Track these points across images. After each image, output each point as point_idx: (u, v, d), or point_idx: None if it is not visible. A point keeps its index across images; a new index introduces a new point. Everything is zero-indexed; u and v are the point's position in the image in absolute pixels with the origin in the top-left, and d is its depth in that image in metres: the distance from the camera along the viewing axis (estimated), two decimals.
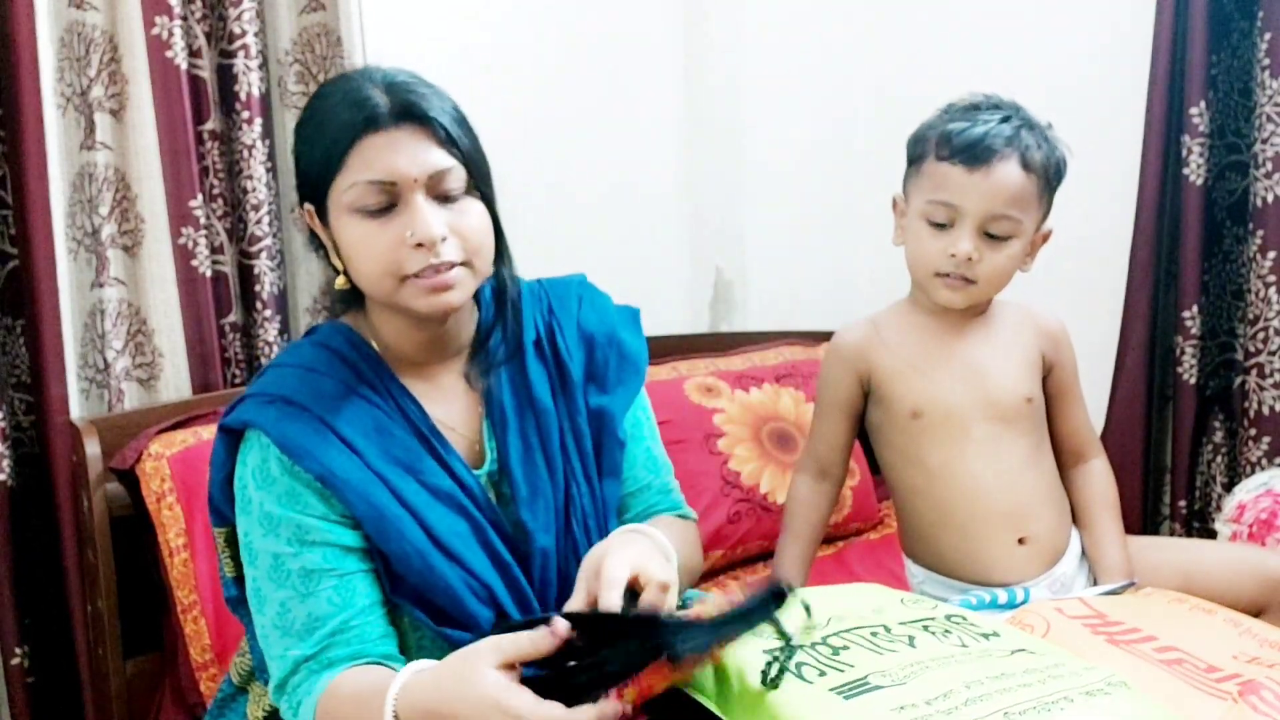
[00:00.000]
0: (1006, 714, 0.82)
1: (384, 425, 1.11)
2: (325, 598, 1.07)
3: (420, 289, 1.07)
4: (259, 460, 1.09)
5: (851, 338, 1.44)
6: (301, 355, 1.15)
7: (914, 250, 1.37)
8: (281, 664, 1.08)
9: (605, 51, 2.49)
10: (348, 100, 1.07)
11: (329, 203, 1.10)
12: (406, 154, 1.05)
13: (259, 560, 1.09)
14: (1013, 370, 1.39)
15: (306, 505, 1.08)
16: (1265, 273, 1.85)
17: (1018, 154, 1.30)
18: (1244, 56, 1.87)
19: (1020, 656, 0.93)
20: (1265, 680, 0.98)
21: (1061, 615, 1.11)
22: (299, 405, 1.09)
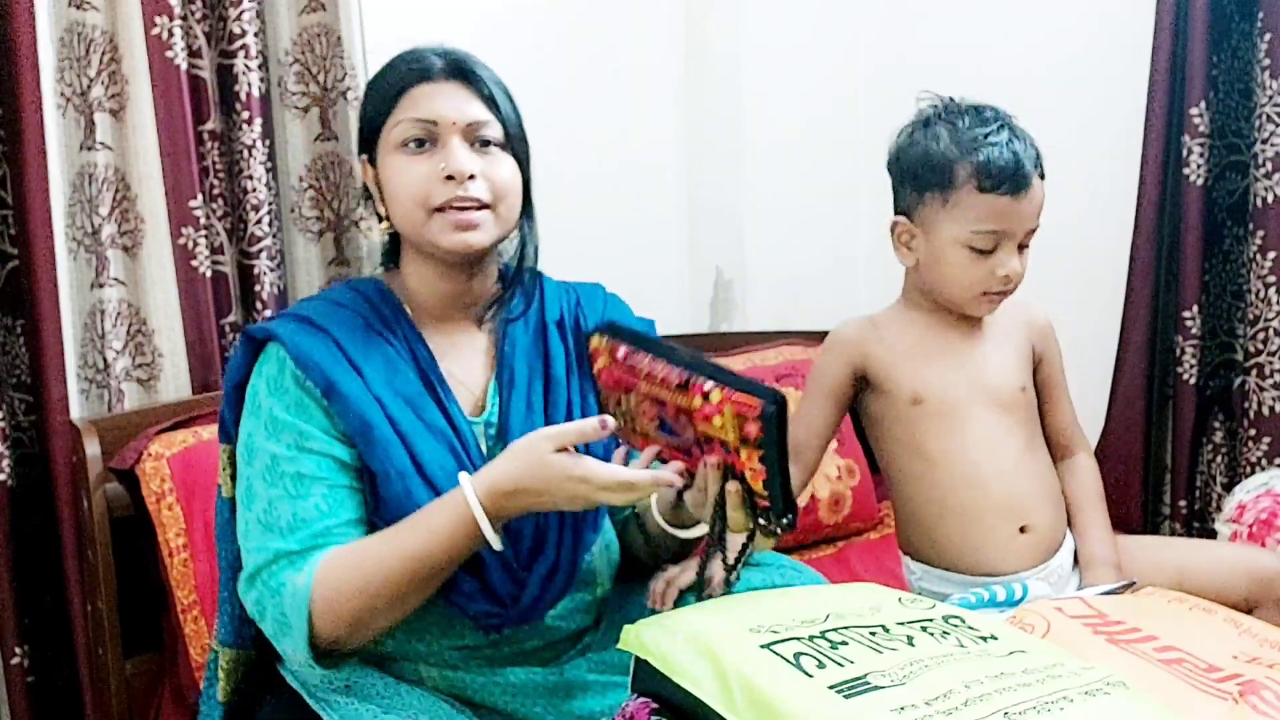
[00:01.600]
0: (1006, 714, 0.82)
1: (392, 360, 1.19)
2: (314, 503, 1.12)
3: (446, 223, 1.17)
4: (275, 370, 1.17)
5: (850, 331, 1.49)
6: (331, 292, 1.27)
7: (954, 276, 1.39)
8: (259, 555, 1.12)
9: (605, 52, 2.50)
10: (406, 59, 1.23)
11: (379, 148, 1.22)
12: (449, 101, 1.19)
13: (256, 459, 1.15)
14: (1007, 360, 1.44)
15: (311, 417, 1.15)
16: (1265, 273, 1.85)
17: (1038, 169, 1.37)
18: (1244, 57, 1.87)
19: (1019, 657, 0.93)
20: (1266, 680, 0.98)
21: (1062, 615, 1.11)
22: (318, 326, 1.18)
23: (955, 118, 1.40)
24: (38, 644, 1.79)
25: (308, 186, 2.05)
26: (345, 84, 2.00)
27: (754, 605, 1.04)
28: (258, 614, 1.13)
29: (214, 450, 1.70)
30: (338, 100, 2.01)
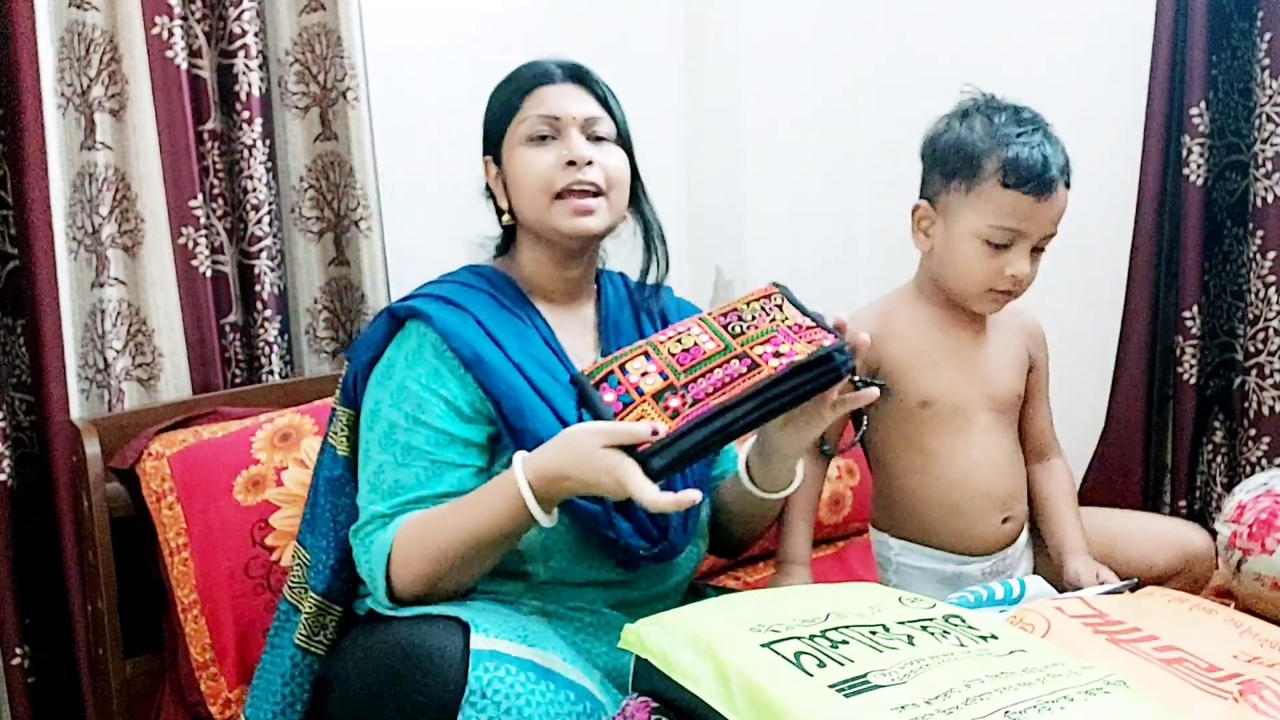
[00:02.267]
0: (1007, 713, 0.82)
1: (522, 332, 1.34)
2: (414, 473, 1.26)
3: (566, 209, 1.32)
4: (415, 345, 1.31)
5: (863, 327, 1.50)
6: (457, 276, 1.40)
7: (964, 267, 1.40)
8: (364, 514, 1.29)
9: (605, 53, 2.49)
10: (530, 67, 1.39)
11: (505, 145, 1.38)
12: (570, 100, 1.36)
13: (377, 425, 1.30)
14: (1009, 365, 1.50)
15: (443, 385, 1.28)
16: (1265, 273, 1.85)
17: (1064, 176, 1.39)
18: (1244, 57, 1.87)
19: (1019, 656, 0.94)
20: (1266, 680, 0.98)
21: (1062, 614, 1.11)
22: (457, 305, 1.32)
23: (993, 113, 1.42)
24: (38, 644, 1.79)
25: (308, 186, 2.05)
26: (345, 84, 2.00)
27: (754, 604, 1.04)
28: (358, 565, 1.29)
29: (215, 449, 1.72)
30: (338, 100, 2.01)
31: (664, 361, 1.13)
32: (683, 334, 1.16)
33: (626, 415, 1.09)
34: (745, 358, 1.11)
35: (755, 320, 1.15)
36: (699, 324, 1.17)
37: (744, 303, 1.18)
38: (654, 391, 1.11)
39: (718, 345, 1.14)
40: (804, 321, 1.14)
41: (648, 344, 1.16)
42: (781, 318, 1.14)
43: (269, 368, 1.98)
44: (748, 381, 1.09)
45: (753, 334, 1.13)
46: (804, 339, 1.11)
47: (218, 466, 1.71)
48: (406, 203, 2.14)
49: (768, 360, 1.10)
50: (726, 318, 1.16)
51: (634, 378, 1.12)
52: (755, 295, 1.18)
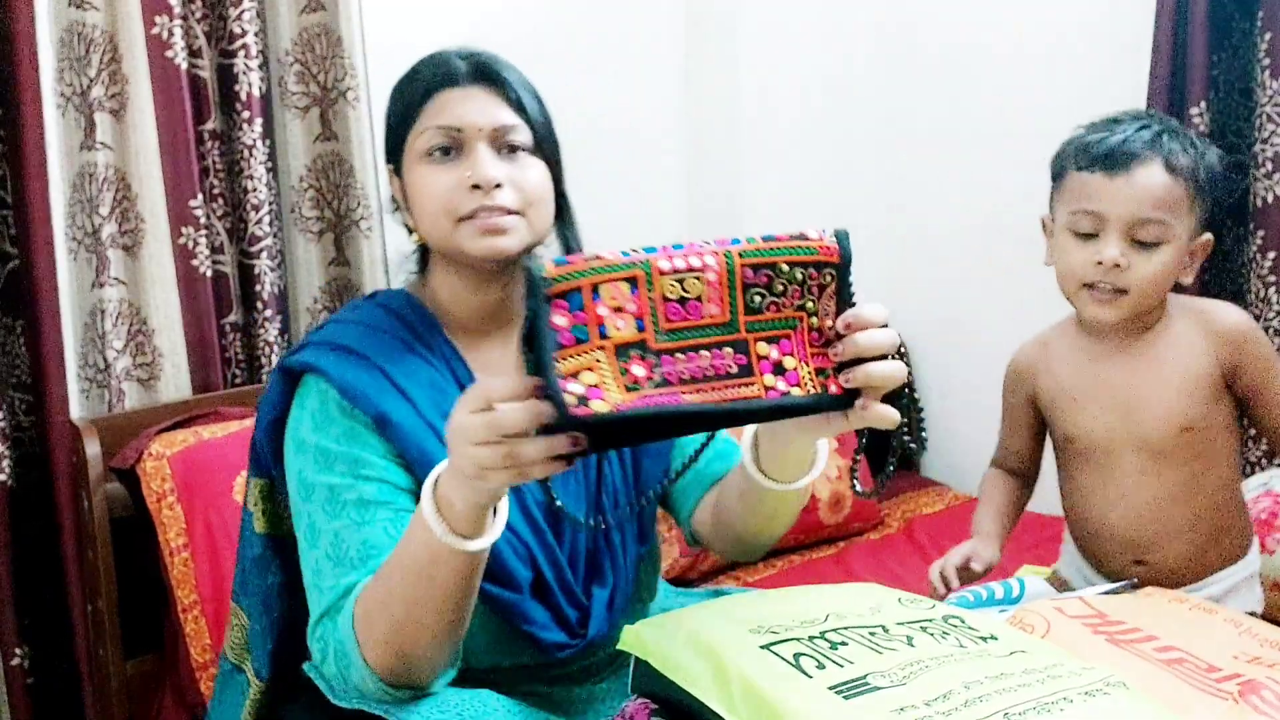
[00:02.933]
0: (1006, 715, 0.82)
1: (436, 382, 1.14)
2: (381, 528, 1.07)
3: (474, 230, 1.12)
4: (318, 404, 1.12)
5: (1021, 360, 1.45)
6: (360, 313, 1.20)
7: (1061, 264, 1.34)
8: (333, 592, 1.06)
9: (606, 52, 2.50)
10: (430, 63, 1.18)
11: (404, 157, 1.17)
12: (475, 106, 1.14)
13: (314, 494, 1.10)
14: (1170, 400, 1.33)
15: (365, 444, 1.10)
16: (1265, 273, 1.85)
17: (1160, 157, 1.27)
18: (1244, 57, 1.87)
19: (1019, 657, 0.93)
20: (1266, 680, 0.98)
21: (1062, 615, 1.11)
22: (358, 354, 1.13)
23: (1109, 116, 1.34)
24: (38, 644, 1.79)
25: (308, 186, 2.05)
26: (345, 84, 2.00)
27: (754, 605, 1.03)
28: (320, 655, 1.06)
29: (215, 449, 1.72)
30: (338, 100, 2.01)
31: (650, 302, 0.86)
32: (690, 274, 0.88)
33: (568, 357, 0.84)
34: (744, 352, 0.89)
35: (786, 295, 0.90)
36: (719, 265, 0.88)
37: (789, 260, 0.90)
38: (619, 342, 0.86)
39: (723, 313, 0.89)
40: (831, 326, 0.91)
41: (641, 264, 0.87)
42: (814, 308, 0.90)
43: (269, 368, 1.98)
44: (730, 391, 0.88)
45: (770, 318, 0.89)
46: (819, 358, 0.91)
47: (218, 466, 1.71)
48: None
49: (764, 371, 0.89)
50: (757, 274, 0.89)
51: (603, 309, 0.85)
52: (809, 255, 0.90)
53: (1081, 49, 2.16)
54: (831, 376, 0.90)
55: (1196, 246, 1.32)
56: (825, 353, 0.91)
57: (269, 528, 1.22)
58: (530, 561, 1.13)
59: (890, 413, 0.91)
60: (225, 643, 1.34)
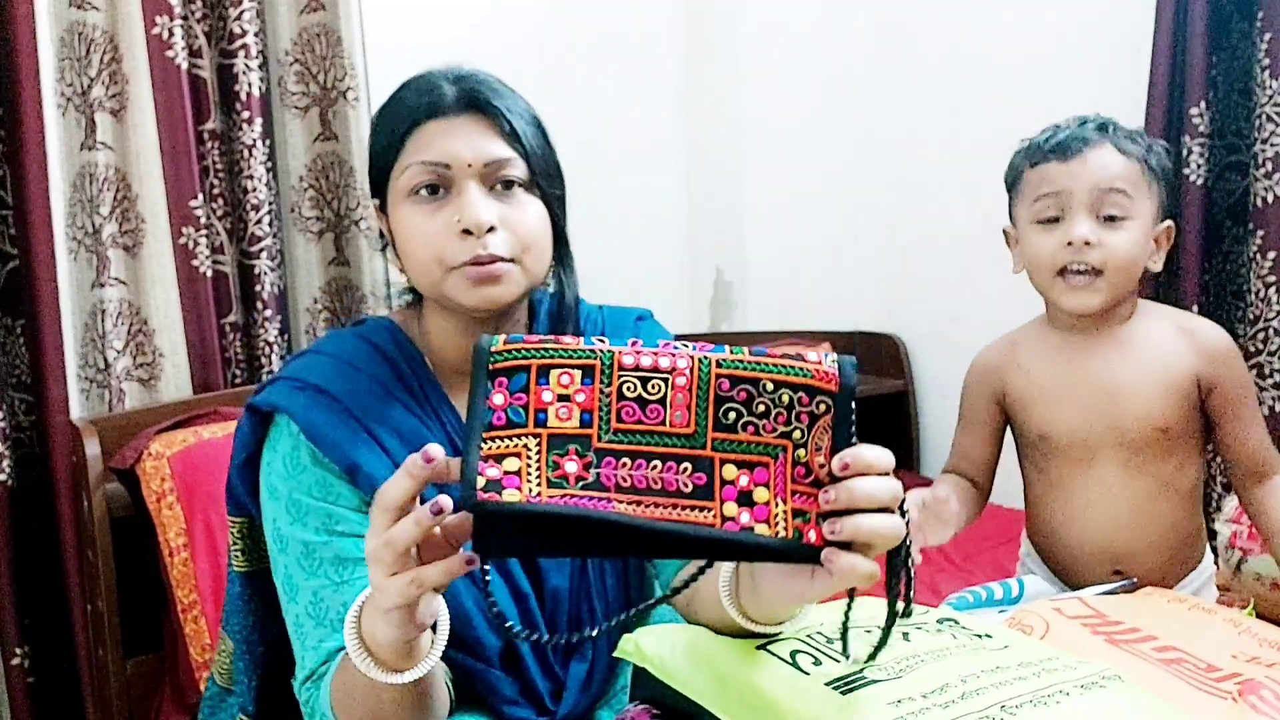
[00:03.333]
0: (1003, 707, 0.83)
1: (416, 431, 1.06)
2: (360, 586, 0.99)
3: (466, 279, 1.02)
4: (289, 448, 1.05)
5: (988, 358, 1.43)
6: (342, 346, 1.10)
7: (1032, 259, 1.33)
8: (315, 655, 1.02)
9: (606, 52, 2.50)
10: (417, 89, 1.06)
11: (389, 192, 1.07)
12: (463, 139, 1.03)
13: (290, 548, 1.04)
14: (1149, 397, 1.31)
15: (338, 496, 1.03)
16: (1265, 273, 1.85)
17: (1109, 141, 1.29)
18: (1244, 57, 1.87)
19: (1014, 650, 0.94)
20: (1265, 680, 0.98)
21: (1060, 615, 1.11)
22: (331, 396, 1.04)
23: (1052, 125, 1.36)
24: (38, 644, 1.79)
25: (308, 186, 2.05)
26: (345, 84, 2.00)
27: None
28: (309, 714, 1.02)
29: (215, 449, 1.72)
30: (338, 100, 2.02)
31: (603, 396, 0.76)
32: (656, 374, 0.77)
33: (497, 438, 0.75)
34: (706, 471, 0.76)
35: (768, 417, 0.77)
36: (690, 370, 0.77)
37: (776, 379, 0.77)
38: (557, 432, 0.75)
39: (687, 425, 0.76)
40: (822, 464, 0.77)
41: (603, 354, 0.77)
42: (802, 438, 0.77)
43: (269, 368, 1.98)
44: (677, 511, 0.75)
45: (745, 440, 0.77)
46: (801, 498, 0.76)
47: (218, 466, 1.70)
48: None
49: (727, 498, 0.76)
50: (734, 387, 0.77)
51: (548, 394, 0.76)
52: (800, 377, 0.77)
53: (1081, 50, 2.16)
54: (812, 521, 0.75)
55: (1160, 233, 1.32)
56: (811, 493, 0.76)
57: (248, 564, 1.16)
58: (502, 630, 1.01)
59: (862, 565, 0.75)
60: (213, 667, 1.31)
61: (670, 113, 2.67)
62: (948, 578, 1.90)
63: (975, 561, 1.99)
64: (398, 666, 0.86)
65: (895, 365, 2.58)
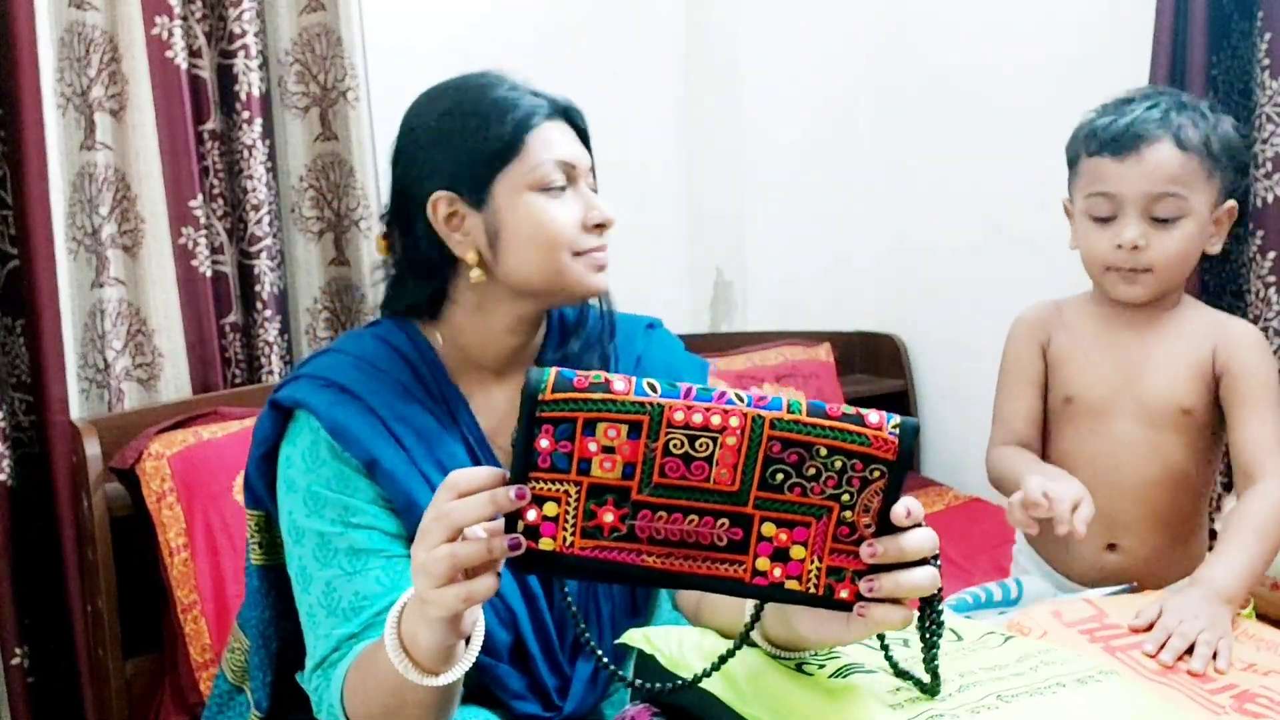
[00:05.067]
0: (999, 696, 0.84)
1: (433, 429, 1.10)
2: (373, 577, 1.04)
3: (588, 265, 1.12)
4: (309, 443, 1.08)
5: (1036, 313, 1.43)
6: (361, 346, 1.14)
7: (1084, 248, 1.34)
8: (326, 642, 1.05)
9: (606, 52, 2.50)
10: (519, 91, 1.13)
11: (497, 186, 1.10)
12: (572, 144, 1.14)
13: (305, 539, 1.08)
14: (1175, 376, 1.32)
15: (356, 490, 1.07)
16: (1265, 273, 1.85)
17: (1169, 134, 1.26)
18: (1244, 57, 1.87)
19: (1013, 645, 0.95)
20: (1260, 690, 0.98)
21: (1059, 621, 1.12)
22: (352, 394, 1.09)
23: (1121, 96, 1.34)
24: (38, 644, 1.79)
25: (308, 186, 2.05)
26: (345, 84, 2.00)
27: None
28: (315, 703, 1.06)
29: (214, 449, 1.72)
30: (337, 100, 2.02)
31: (648, 451, 0.76)
32: (705, 433, 0.76)
33: (539, 479, 0.76)
34: (743, 526, 0.77)
35: (818, 480, 0.76)
36: (741, 429, 0.75)
37: (830, 445, 0.76)
38: (596, 482, 0.76)
39: (732, 483, 0.76)
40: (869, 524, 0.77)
41: (652, 409, 0.75)
42: (850, 501, 0.76)
43: (269, 368, 1.98)
44: (706, 564, 0.77)
45: (790, 500, 0.76)
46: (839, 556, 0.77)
47: (218, 466, 1.71)
48: None
49: (762, 553, 0.77)
50: (785, 451, 0.75)
51: (593, 444, 0.76)
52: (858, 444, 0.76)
53: (1081, 50, 2.16)
54: (846, 580, 0.77)
55: (1221, 214, 1.31)
56: (851, 550, 0.77)
57: (265, 559, 1.19)
58: (512, 626, 1.09)
59: (896, 615, 0.77)
60: (223, 662, 1.32)
61: (671, 113, 2.67)
62: (947, 578, 1.89)
63: (975, 562, 1.99)
64: (434, 670, 0.89)
65: (895, 365, 2.58)
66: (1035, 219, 2.22)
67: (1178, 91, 1.35)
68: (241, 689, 1.29)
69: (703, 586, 0.78)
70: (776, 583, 0.77)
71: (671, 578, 0.78)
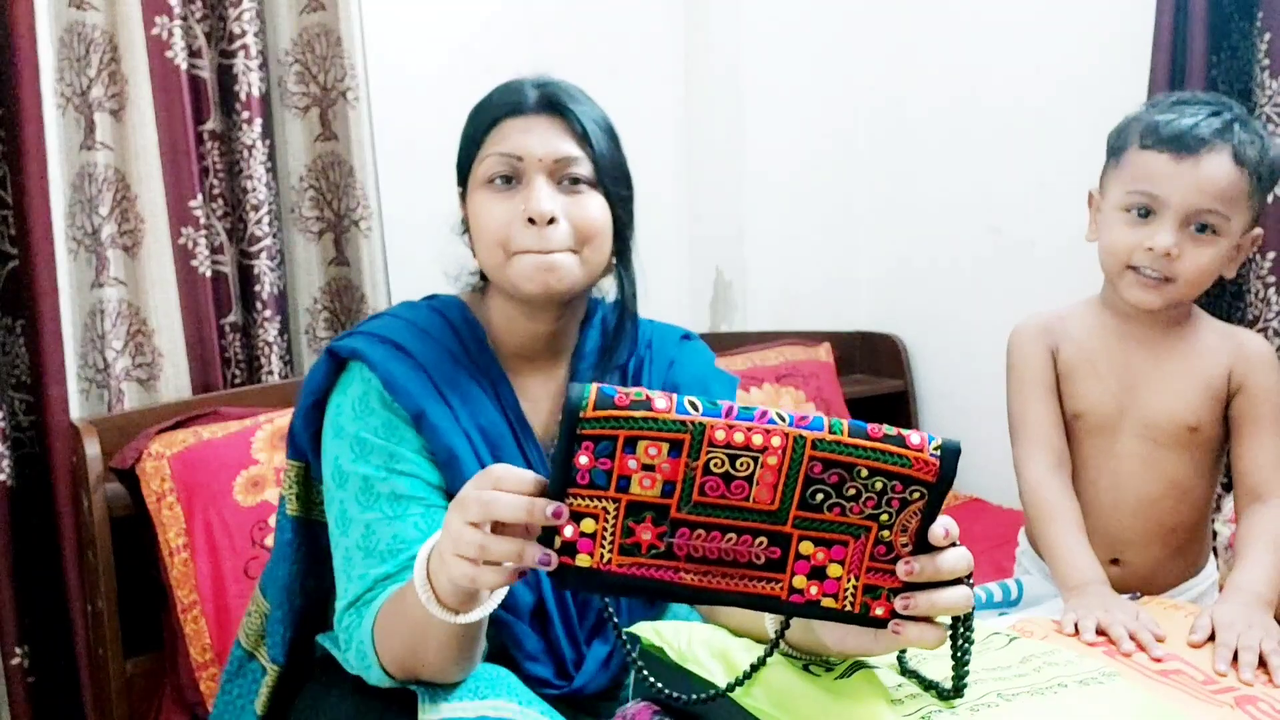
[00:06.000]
0: (1000, 694, 0.85)
1: (478, 395, 1.14)
2: (412, 522, 1.07)
3: (526, 266, 1.10)
4: (360, 392, 1.12)
5: (1039, 323, 1.39)
6: (416, 314, 1.19)
7: (1107, 242, 1.30)
8: (361, 582, 1.07)
9: (606, 51, 2.49)
10: (505, 90, 1.17)
11: (470, 183, 1.17)
12: (538, 136, 1.12)
13: (349, 483, 1.10)
14: (1183, 394, 1.31)
15: (402, 438, 1.10)
16: (1265, 273, 1.85)
17: (1230, 147, 1.23)
18: (1244, 57, 1.87)
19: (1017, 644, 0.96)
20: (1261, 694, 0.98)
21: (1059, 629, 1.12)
22: (406, 351, 1.13)
23: (1177, 96, 1.30)
24: (38, 644, 1.79)
25: (308, 186, 2.05)
26: (345, 84, 2.00)
27: None
28: (345, 644, 1.07)
29: (214, 449, 1.72)
30: (338, 100, 2.02)
31: (688, 470, 0.76)
32: (747, 452, 0.76)
33: (578, 495, 0.76)
34: (781, 545, 0.77)
35: (857, 500, 0.77)
36: (783, 449, 0.76)
37: (871, 466, 0.77)
38: (635, 499, 0.76)
39: (772, 503, 0.77)
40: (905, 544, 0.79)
41: (694, 427, 0.75)
42: (889, 521, 0.78)
43: (269, 368, 1.98)
44: (744, 583, 0.78)
45: (829, 519, 0.77)
46: (876, 575, 0.79)
47: (218, 466, 1.71)
48: (406, 203, 2.14)
49: (799, 571, 0.78)
50: (826, 471, 0.76)
51: (634, 463, 0.76)
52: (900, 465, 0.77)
53: (1081, 50, 2.16)
54: (883, 598, 0.78)
55: (1245, 240, 1.29)
56: (888, 569, 0.78)
57: (301, 511, 1.22)
58: (535, 586, 1.12)
59: (930, 635, 0.78)
60: (241, 629, 1.34)
61: (671, 113, 2.66)
62: None
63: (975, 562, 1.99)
64: (455, 607, 0.91)
65: (895, 365, 2.58)
66: (1036, 220, 2.23)
67: (1238, 105, 1.30)
68: (255, 655, 1.31)
69: (739, 603, 0.79)
70: (813, 600, 0.78)
71: (709, 595, 0.78)
